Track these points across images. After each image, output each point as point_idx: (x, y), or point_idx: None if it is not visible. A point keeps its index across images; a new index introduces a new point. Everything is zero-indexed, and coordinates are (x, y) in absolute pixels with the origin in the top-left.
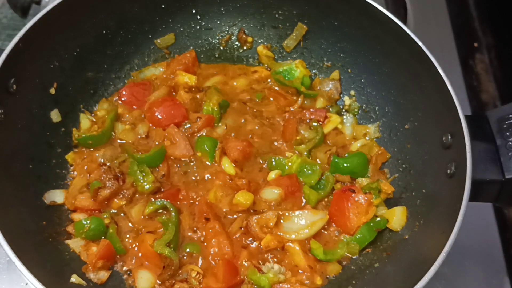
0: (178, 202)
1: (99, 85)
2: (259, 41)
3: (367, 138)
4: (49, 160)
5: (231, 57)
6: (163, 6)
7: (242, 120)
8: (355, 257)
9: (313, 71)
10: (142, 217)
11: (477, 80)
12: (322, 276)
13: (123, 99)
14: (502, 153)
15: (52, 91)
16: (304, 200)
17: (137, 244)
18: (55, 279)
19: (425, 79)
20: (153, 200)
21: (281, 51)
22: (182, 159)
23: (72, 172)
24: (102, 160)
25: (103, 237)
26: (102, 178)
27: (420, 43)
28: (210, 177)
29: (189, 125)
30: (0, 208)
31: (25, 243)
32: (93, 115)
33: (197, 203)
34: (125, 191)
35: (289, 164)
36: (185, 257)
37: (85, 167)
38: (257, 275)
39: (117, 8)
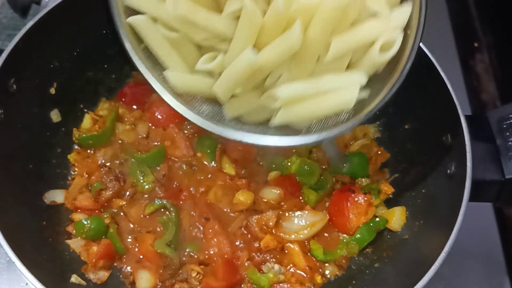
0: (179, 202)
1: (99, 85)
2: None
3: (367, 138)
4: (49, 160)
5: None
6: None
7: None
8: (355, 257)
9: None
10: (142, 217)
11: (477, 80)
12: (322, 276)
13: (123, 99)
14: (502, 153)
15: (52, 91)
16: (303, 201)
17: (137, 244)
18: (55, 279)
19: (425, 79)
20: (153, 200)
21: None
22: (182, 159)
23: (73, 172)
24: (103, 161)
25: (103, 237)
26: (103, 179)
27: (420, 43)
28: (210, 177)
29: (189, 126)
30: (0, 208)
31: (25, 243)
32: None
33: (197, 202)
34: (125, 191)
35: (289, 164)
36: (184, 258)
37: (86, 168)
38: (257, 275)
39: None
